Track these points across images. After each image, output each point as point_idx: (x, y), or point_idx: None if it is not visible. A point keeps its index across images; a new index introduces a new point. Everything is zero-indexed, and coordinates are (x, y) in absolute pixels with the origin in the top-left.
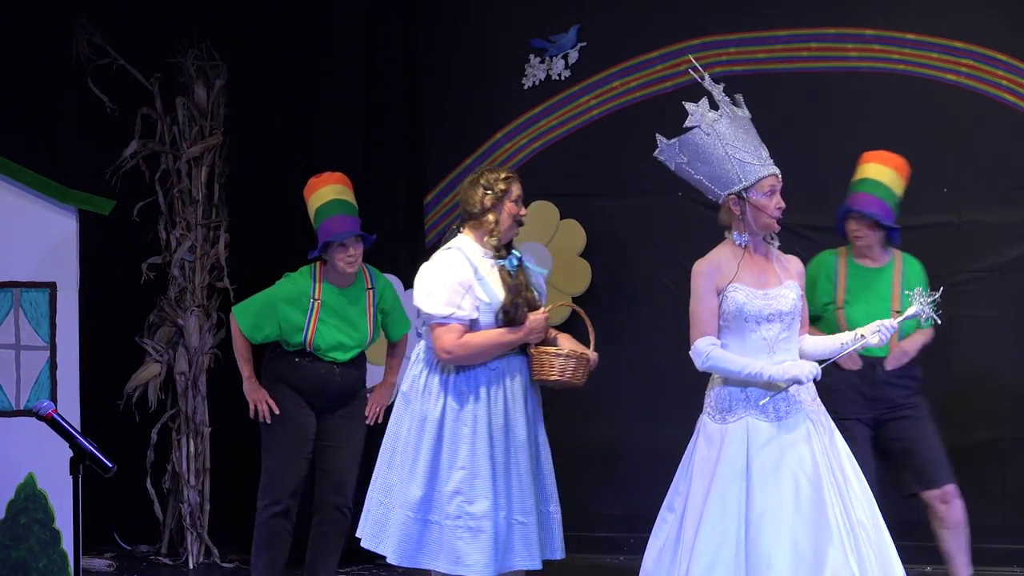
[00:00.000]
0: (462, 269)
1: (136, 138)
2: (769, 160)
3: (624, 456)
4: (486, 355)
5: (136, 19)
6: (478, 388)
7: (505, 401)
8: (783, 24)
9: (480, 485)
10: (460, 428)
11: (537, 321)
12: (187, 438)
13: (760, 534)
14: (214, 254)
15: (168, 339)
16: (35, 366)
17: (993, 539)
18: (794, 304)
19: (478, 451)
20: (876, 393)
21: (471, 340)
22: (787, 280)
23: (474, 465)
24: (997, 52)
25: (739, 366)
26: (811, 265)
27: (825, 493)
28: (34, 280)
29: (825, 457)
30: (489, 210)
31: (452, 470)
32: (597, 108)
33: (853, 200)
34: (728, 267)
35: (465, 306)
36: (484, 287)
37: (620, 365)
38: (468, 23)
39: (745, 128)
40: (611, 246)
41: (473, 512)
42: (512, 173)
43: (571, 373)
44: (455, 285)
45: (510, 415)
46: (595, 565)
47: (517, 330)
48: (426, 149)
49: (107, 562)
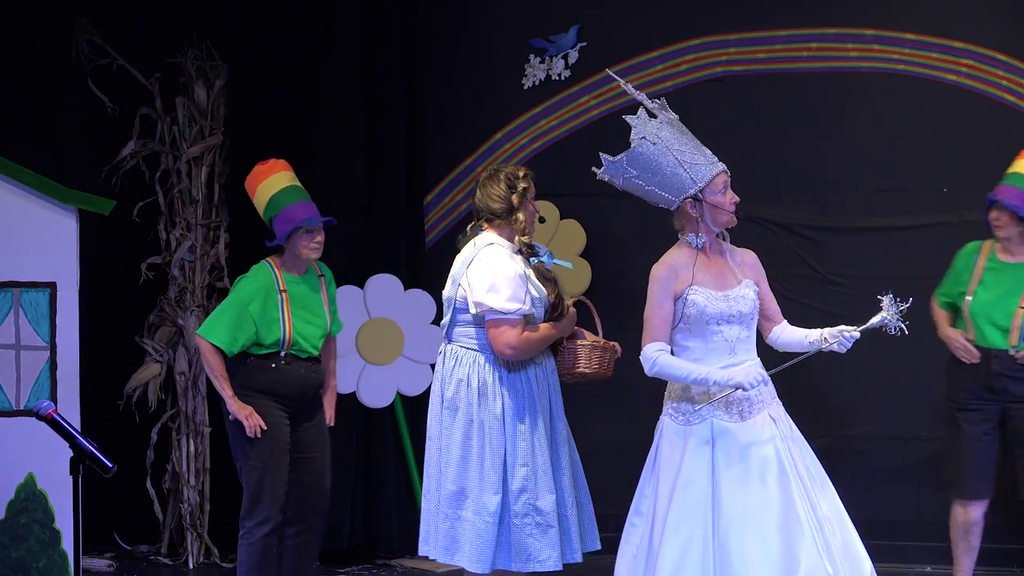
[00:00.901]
0: (516, 263)
1: (136, 138)
2: (714, 157)
3: (624, 456)
4: (539, 349)
5: (136, 19)
6: (531, 384)
7: (550, 397)
8: (783, 24)
9: (543, 480)
10: (519, 426)
11: (573, 315)
12: (187, 438)
13: (730, 535)
14: (214, 254)
15: (168, 339)
16: (35, 366)
17: (993, 539)
18: (753, 304)
19: (537, 447)
20: (996, 385)
21: (531, 335)
22: (744, 279)
23: (535, 461)
24: (997, 52)
25: (685, 372)
26: (958, 253)
27: (793, 491)
28: (34, 280)
29: (789, 455)
30: (518, 208)
31: (515, 468)
32: (597, 108)
33: (998, 191)
34: (685, 270)
35: (528, 301)
36: (531, 282)
37: (619, 364)
38: (468, 23)
39: (682, 130)
40: (611, 246)
41: (541, 507)
42: (529, 170)
43: (606, 364)
44: (517, 280)
45: (554, 410)
46: (596, 566)
47: (561, 324)
48: (426, 149)
49: (107, 562)
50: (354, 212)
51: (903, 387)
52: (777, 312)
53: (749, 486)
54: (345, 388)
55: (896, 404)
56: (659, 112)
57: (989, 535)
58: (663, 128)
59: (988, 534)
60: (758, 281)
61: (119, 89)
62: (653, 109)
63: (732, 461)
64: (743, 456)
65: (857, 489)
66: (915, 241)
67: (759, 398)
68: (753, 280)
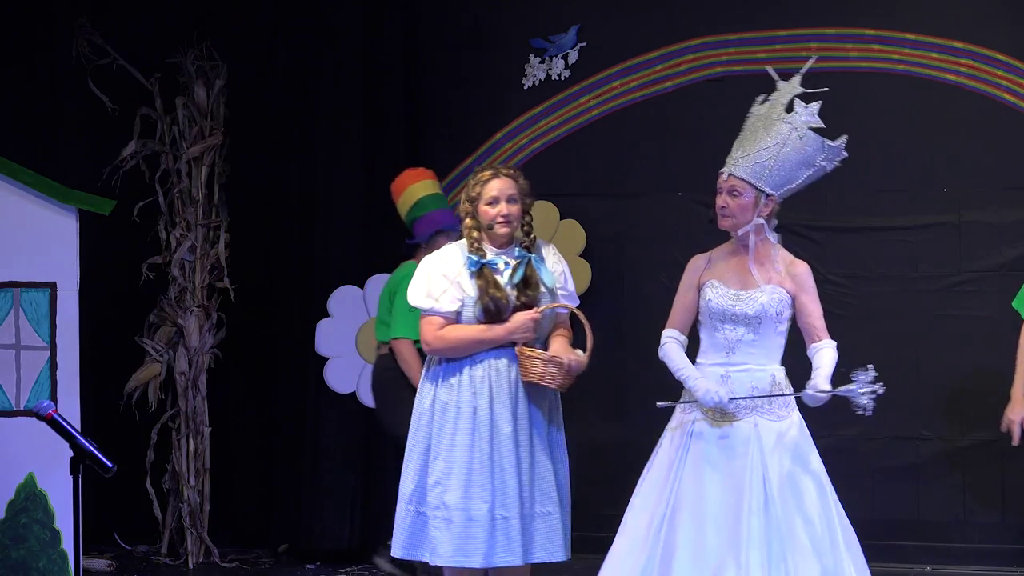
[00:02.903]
0: (450, 262)
1: (136, 138)
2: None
3: (624, 456)
4: (465, 349)
5: (136, 19)
6: (462, 380)
7: (491, 394)
8: (783, 24)
9: (456, 476)
10: (444, 419)
11: (521, 321)
12: (187, 438)
13: (676, 522)
14: (214, 254)
15: (168, 339)
16: (35, 366)
17: (992, 539)
18: (761, 309)
19: (458, 443)
20: None
21: (448, 333)
22: (769, 284)
23: (451, 456)
24: (997, 52)
25: (676, 367)
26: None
27: (744, 505)
28: (34, 280)
29: (760, 469)
30: (465, 217)
31: (436, 461)
32: (597, 108)
33: None
34: (716, 263)
35: (443, 299)
36: (469, 283)
37: (620, 365)
38: (468, 23)
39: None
40: (611, 246)
41: (448, 502)
42: (491, 171)
43: (546, 376)
44: (438, 277)
45: (495, 409)
46: (596, 566)
47: (497, 328)
48: (426, 149)
49: (107, 562)
50: (354, 212)
51: (903, 386)
52: (815, 330)
53: (706, 484)
54: (345, 388)
55: (896, 403)
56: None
57: (988, 535)
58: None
59: (987, 534)
60: (796, 293)
61: (119, 89)
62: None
63: (702, 456)
64: (714, 455)
65: (856, 489)
66: (916, 241)
67: (745, 404)
68: (788, 290)
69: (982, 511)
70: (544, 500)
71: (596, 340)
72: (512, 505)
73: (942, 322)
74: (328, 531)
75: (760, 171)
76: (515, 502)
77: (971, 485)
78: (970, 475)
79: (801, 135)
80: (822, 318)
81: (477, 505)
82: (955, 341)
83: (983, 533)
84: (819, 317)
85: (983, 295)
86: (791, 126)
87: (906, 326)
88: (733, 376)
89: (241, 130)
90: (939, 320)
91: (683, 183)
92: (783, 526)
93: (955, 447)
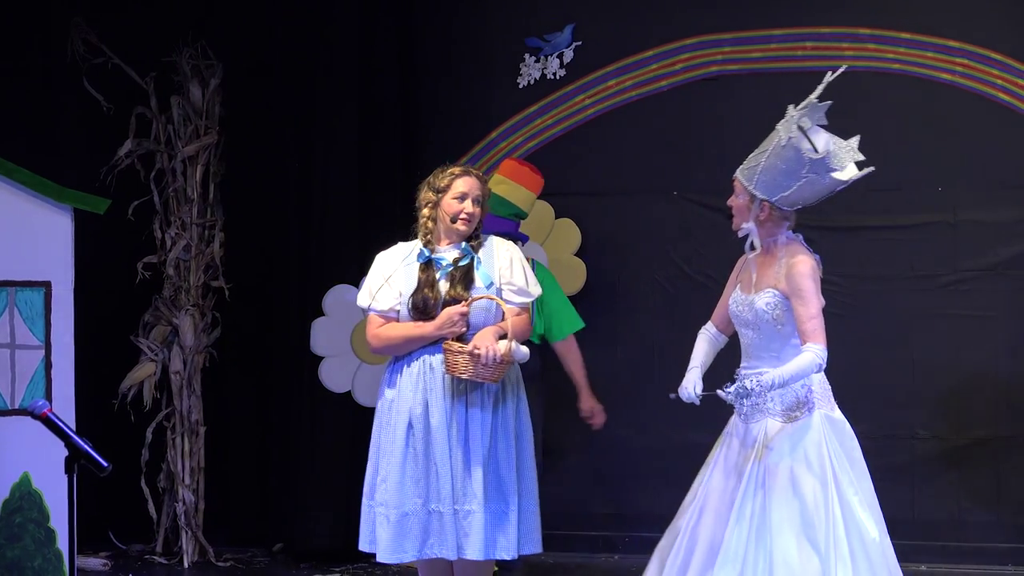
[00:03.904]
0: (389, 261)
1: (131, 137)
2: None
3: (618, 455)
4: (403, 347)
5: (131, 18)
6: (399, 378)
7: (425, 391)
8: (778, 23)
9: (392, 472)
10: (388, 417)
11: (446, 316)
12: (182, 437)
13: (702, 519)
14: (209, 253)
15: (163, 338)
16: (30, 365)
17: (988, 537)
18: (756, 314)
19: (396, 439)
20: None
21: (384, 332)
22: (767, 288)
23: (392, 453)
24: (992, 51)
25: (692, 359)
26: None
27: (738, 501)
28: (29, 279)
29: (760, 467)
30: (424, 206)
31: (382, 458)
32: (592, 107)
33: None
34: (747, 266)
35: (380, 297)
36: (407, 279)
37: (615, 363)
38: (463, 22)
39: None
40: (606, 245)
41: (386, 499)
42: (463, 169)
43: (468, 369)
44: (376, 277)
45: (429, 405)
46: (589, 564)
47: (426, 324)
48: (422, 148)
49: (102, 561)
50: (349, 211)
51: (898, 385)
52: (801, 333)
53: (716, 478)
54: (340, 387)
55: (892, 402)
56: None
57: (984, 534)
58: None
59: (983, 533)
60: (789, 295)
61: (114, 88)
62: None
63: (729, 452)
64: (735, 451)
65: None
66: (910, 240)
67: (750, 409)
68: (782, 291)
69: (977, 510)
70: (469, 499)
71: (592, 339)
72: (445, 500)
73: (937, 321)
74: (323, 530)
75: (751, 175)
76: (448, 497)
77: (966, 484)
78: (965, 474)
79: (784, 144)
80: (813, 319)
81: (411, 500)
82: (950, 340)
83: (978, 531)
84: (808, 319)
85: (978, 294)
86: (779, 133)
87: (901, 325)
88: (751, 379)
89: (236, 129)
90: (934, 319)
91: (678, 182)
92: (767, 522)
93: (950, 446)
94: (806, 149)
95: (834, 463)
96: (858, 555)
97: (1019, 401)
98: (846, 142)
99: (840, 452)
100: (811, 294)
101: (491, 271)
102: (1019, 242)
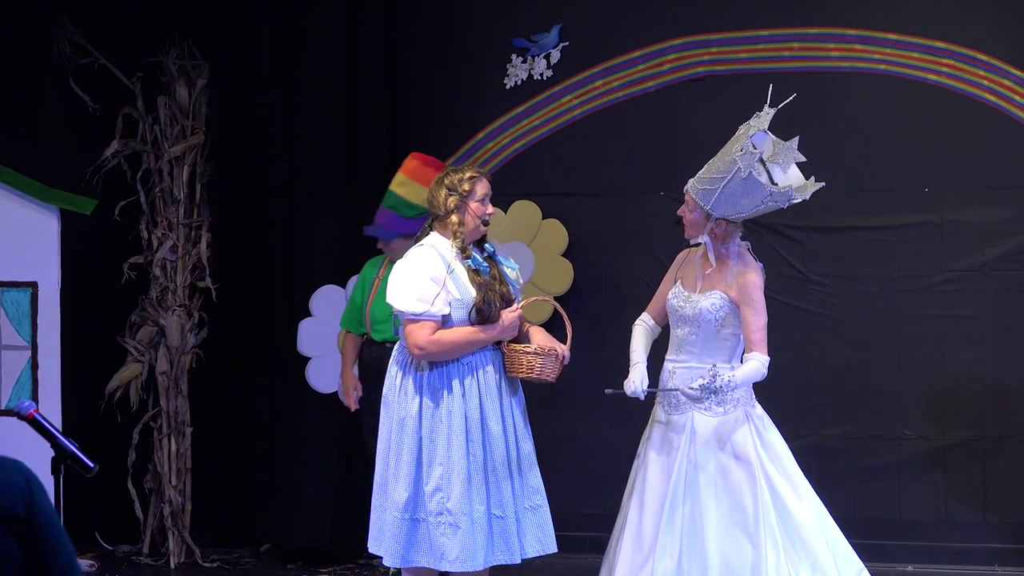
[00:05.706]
0: (434, 265)
1: (118, 138)
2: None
3: (607, 455)
4: (458, 352)
5: (118, 19)
6: (451, 384)
7: (480, 396)
8: (765, 24)
9: (458, 481)
10: (436, 425)
11: (510, 319)
12: (169, 438)
13: (628, 505)
14: (196, 254)
15: (149, 339)
16: (16, 366)
17: (974, 538)
18: (699, 313)
19: (454, 447)
20: None
21: (443, 337)
22: (715, 291)
23: (450, 461)
24: (978, 52)
25: (630, 351)
26: None
27: (668, 496)
28: (15, 280)
29: (687, 461)
30: (453, 211)
31: (432, 467)
32: (579, 108)
33: None
34: (689, 262)
35: (437, 303)
36: (457, 283)
37: (602, 364)
38: (450, 23)
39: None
40: (593, 246)
41: (451, 508)
42: (478, 172)
43: (540, 370)
44: (427, 281)
45: (485, 410)
46: (580, 565)
47: (490, 328)
48: (408, 149)
49: (89, 562)
50: (336, 211)
51: (885, 386)
52: (748, 342)
53: (650, 468)
54: (327, 387)
55: (878, 403)
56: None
57: (970, 534)
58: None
59: (969, 533)
60: (739, 303)
61: (101, 88)
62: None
63: (654, 441)
64: (659, 441)
65: (839, 488)
66: (897, 241)
67: (677, 400)
68: (732, 299)
69: (964, 510)
70: (532, 493)
71: (579, 340)
72: (507, 504)
73: (924, 321)
74: (310, 531)
75: (707, 196)
76: (510, 501)
77: (953, 484)
78: (952, 474)
79: (745, 176)
80: (761, 330)
81: (481, 507)
82: (937, 341)
83: (965, 532)
84: (756, 329)
85: (965, 295)
86: (738, 165)
87: (888, 325)
88: (677, 372)
89: (223, 130)
90: (921, 319)
91: (665, 183)
92: (699, 514)
93: (937, 446)
94: (766, 182)
95: (760, 454)
96: (792, 538)
97: (1005, 402)
98: (787, 143)
99: (766, 443)
100: (762, 306)
101: (509, 269)
102: (1005, 242)
